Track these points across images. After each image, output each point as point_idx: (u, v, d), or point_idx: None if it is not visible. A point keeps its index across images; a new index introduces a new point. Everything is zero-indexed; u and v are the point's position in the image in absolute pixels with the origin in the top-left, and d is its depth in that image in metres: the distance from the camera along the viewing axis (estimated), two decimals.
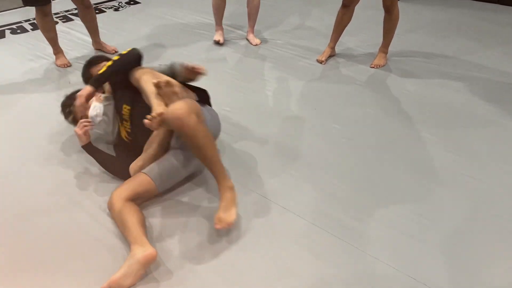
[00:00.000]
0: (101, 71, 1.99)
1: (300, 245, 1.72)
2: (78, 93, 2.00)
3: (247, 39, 3.69)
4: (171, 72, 2.07)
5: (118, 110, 2.09)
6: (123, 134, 2.10)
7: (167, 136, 1.93)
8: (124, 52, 2.02)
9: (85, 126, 2.03)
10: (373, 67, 3.13)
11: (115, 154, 2.14)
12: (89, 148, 2.06)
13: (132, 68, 2.01)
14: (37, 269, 1.62)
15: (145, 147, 1.97)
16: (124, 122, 2.06)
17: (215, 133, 2.02)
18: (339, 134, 2.41)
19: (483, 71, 3.09)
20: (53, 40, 3.18)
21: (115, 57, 2.00)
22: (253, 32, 3.68)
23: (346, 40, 3.22)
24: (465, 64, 3.21)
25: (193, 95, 2.02)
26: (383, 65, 3.13)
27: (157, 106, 1.76)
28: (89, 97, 1.98)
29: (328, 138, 2.38)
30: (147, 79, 1.91)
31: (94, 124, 2.09)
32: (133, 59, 2.02)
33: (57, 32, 3.22)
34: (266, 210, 1.89)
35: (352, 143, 2.33)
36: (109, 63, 1.99)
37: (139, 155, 1.97)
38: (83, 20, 3.36)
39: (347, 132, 2.42)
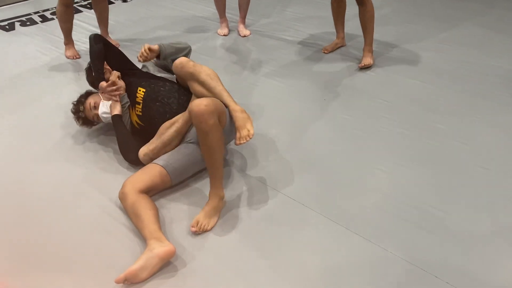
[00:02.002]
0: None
1: (306, 235, 1.71)
2: (103, 94, 2.17)
3: (237, 30, 3.62)
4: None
5: (131, 93, 2.13)
6: (134, 118, 2.13)
7: (186, 125, 1.94)
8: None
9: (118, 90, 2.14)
10: (361, 67, 2.92)
11: None
12: (117, 119, 2.10)
13: (99, 46, 2.16)
14: (49, 263, 1.64)
15: (161, 130, 1.98)
16: (136, 105, 2.10)
17: (230, 137, 2.02)
18: (350, 125, 2.39)
19: (495, 59, 3.03)
20: (68, 30, 3.20)
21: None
22: (243, 23, 3.61)
23: (356, 31, 3.17)
24: (477, 52, 3.15)
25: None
26: (372, 64, 2.94)
27: (242, 114, 1.86)
28: (109, 84, 2.16)
29: (339, 128, 2.36)
30: (211, 77, 1.96)
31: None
32: (92, 42, 2.17)
33: None
34: (272, 200, 1.88)
35: (363, 134, 2.31)
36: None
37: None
38: (95, 9, 3.36)
39: (358, 123, 2.40)
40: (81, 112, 2.21)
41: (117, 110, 2.12)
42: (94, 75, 2.21)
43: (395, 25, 3.64)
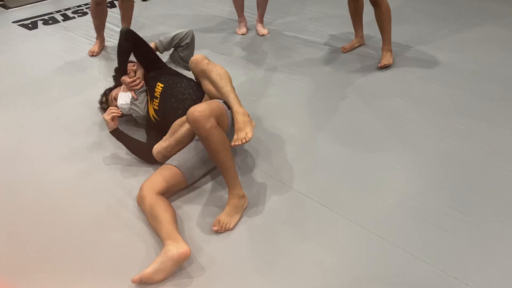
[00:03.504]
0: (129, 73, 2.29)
1: (323, 233, 1.71)
2: (123, 86, 2.28)
3: (256, 29, 3.64)
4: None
5: (151, 88, 2.20)
6: (151, 112, 2.18)
7: None
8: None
9: (113, 113, 2.11)
10: (381, 67, 2.90)
11: (147, 136, 2.20)
12: (116, 133, 2.12)
13: (127, 44, 2.23)
14: (67, 258, 1.67)
15: (173, 127, 2.00)
16: (154, 99, 2.15)
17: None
18: (368, 124, 2.37)
19: None
20: (98, 27, 3.31)
21: None
22: (261, 22, 3.63)
23: (375, 31, 3.15)
24: (498, 52, 3.09)
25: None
26: (391, 63, 2.93)
27: (244, 117, 1.84)
28: (130, 79, 2.27)
29: (357, 128, 2.34)
30: (221, 77, 1.98)
31: (122, 113, 2.19)
32: (122, 39, 2.24)
33: (88, 22, 3.28)
34: (289, 198, 1.89)
35: (382, 134, 2.29)
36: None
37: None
38: (120, 7, 3.41)
39: (377, 122, 2.38)
40: (104, 103, 2.34)
41: (110, 127, 2.10)
42: (118, 68, 2.31)
43: (414, 25, 3.60)
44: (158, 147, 2.00)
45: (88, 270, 1.60)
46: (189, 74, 2.29)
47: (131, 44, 2.24)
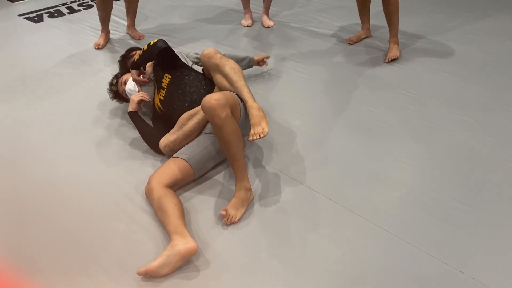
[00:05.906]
0: (136, 58, 2.20)
1: (329, 227, 1.71)
2: (132, 79, 2.27)
3: (261, 21, 3.62)
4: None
5: (158, 78, 2.20)
6: (157, 102, 2.18)
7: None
8: (152, 42, 2.15)
9: (142, 96, 2.19)
10: (388, 61, 2.86)
11: (152, 126, 2.21)
12: (133, 115, 2.17)
13: (156, 55, 2.15)
14: (74, 248, 1.68)
15: (181, 121, 2.01)
16: (161, 90, 2.17)
17: (244, 131, 2.02)
18: (374, 117, 2.36)
19: None
20: (103, 19, 3.31)
21: (145, 47, 2.17)
22: (267, 14, 3.61)
23: (382, 22, 3.12)
24: (507, 44, 3.06)
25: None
26: (398, 56, 2.89)
27: (258, 112, 1.85)
28: (138, 74, 2.25)
29: (363, 120, 2.33)
30: (235, 71, 2.00)
31: (149, 99, 2.23)
32: (156, 50, 2.12)
33: (93, 15, 3.28)
34: (294, 192, 1.88)
35: (388, 126, 2.28)
36: (141, 52, 2.20)
37: (172, 126, 2.03)
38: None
39: (383, 115, 2.37)
40: (113, 85, 2.38)
41: (131, 108, 2.19)
42: (136, 62, 2.22)
43: (422, 15, 3.56)
44: (166, 141, 2.00)
45: (95, 262, 1.61)
46: (197, 67, 2.29)
47: (160, 57, 2.19)
